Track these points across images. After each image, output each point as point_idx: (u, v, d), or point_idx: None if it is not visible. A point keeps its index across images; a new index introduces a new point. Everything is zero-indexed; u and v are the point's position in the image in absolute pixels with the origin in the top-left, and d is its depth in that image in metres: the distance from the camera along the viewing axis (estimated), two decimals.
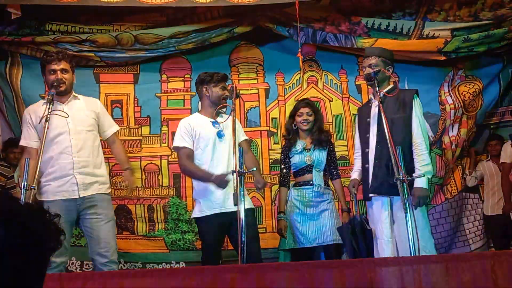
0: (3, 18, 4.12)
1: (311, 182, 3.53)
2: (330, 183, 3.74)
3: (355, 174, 3.36)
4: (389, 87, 3.23)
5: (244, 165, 3.23)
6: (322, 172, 3.61)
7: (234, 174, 2.52)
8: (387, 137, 2.70)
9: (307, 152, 3.58)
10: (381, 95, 3.05)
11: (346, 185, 4.57)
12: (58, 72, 3.11)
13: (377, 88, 2.98)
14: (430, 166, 3.07)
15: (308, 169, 3.55)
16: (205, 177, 3.12)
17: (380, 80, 3.13)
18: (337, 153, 4.53)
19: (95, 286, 1.76)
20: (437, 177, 4.56)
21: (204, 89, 3.31)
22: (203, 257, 3.20)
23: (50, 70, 3.10)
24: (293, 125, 3.67)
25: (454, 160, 4.62)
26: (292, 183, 3.66)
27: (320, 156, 3.58)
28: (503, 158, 4.58)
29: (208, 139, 3.23)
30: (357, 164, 3.37)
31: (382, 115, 2.81)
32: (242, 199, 2.56)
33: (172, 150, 3.86)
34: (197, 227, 3.33)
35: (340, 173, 3.78)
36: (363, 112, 3.35)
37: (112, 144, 3.37)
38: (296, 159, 3.59)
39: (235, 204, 2.45)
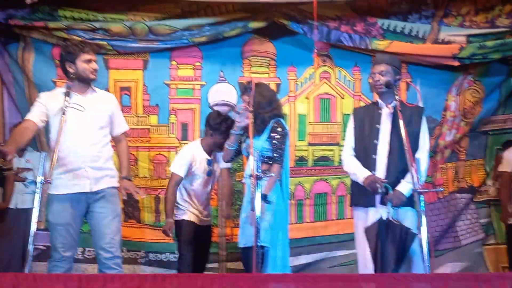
0: (16, 1, 4.07)
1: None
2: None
3: (364, 170, 3.09)
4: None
5: None
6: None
7: (251, 178, 2.53)
8: (406, 147, 2.70)
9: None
10: (396, 104, 2.99)
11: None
12: (93, 62, 3.14)
13: (396, 96, 2.96)
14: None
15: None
16: (167, 215, 3.75)
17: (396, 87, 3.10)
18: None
19: None
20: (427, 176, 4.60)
21: (210, 133, 3.81)
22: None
23: (86, 60, 3.10)
24: None
25: (443, 161, 4.65)
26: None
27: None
28: (503, 167, 4.41)
29: (200, 175, 3.78)
30: (356, 161, 3.18)
31: (402, 124, 2.79)
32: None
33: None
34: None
35: None
36: (368, 117, 3.22)
37: (118, 143, 3.37)
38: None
39: (252, 209, 2.47)
